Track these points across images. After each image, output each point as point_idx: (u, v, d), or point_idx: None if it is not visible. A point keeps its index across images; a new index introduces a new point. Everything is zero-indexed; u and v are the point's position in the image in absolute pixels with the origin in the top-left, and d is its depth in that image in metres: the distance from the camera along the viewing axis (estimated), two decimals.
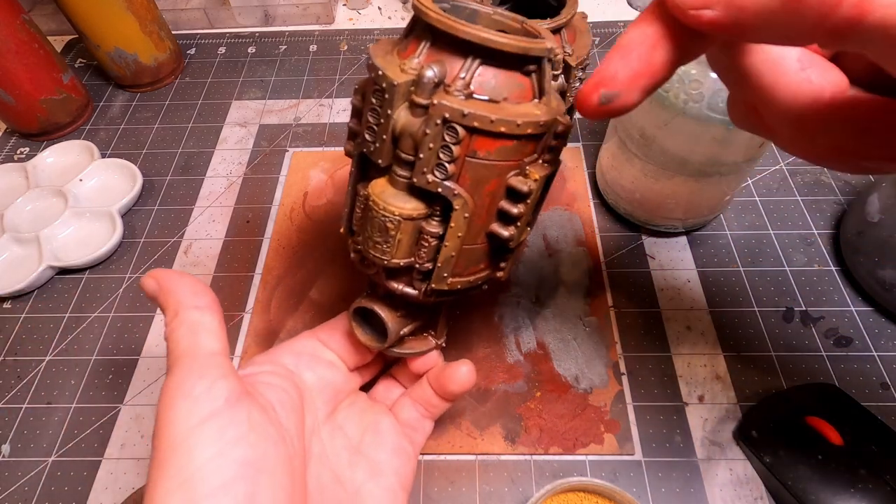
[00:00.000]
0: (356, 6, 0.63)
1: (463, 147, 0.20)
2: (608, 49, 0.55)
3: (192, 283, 0.23)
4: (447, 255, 0.22)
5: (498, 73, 0.20)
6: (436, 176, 0.20)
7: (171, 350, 0.21)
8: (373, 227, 0.22)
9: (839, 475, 0.28)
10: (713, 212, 0.40)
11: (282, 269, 0.41)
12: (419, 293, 0.24)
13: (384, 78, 0.20)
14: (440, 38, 0.20)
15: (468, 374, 0.27)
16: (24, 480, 0.33)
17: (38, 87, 0.48)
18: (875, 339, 0.36)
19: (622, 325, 0.37)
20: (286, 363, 0.27)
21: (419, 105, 0.19)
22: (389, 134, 0.20)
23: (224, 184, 0.47)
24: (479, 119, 0.19)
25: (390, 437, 0.28)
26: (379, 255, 0.22)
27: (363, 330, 0.27)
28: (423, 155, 0.20)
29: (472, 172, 0.21)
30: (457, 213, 0.21)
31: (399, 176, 0.21)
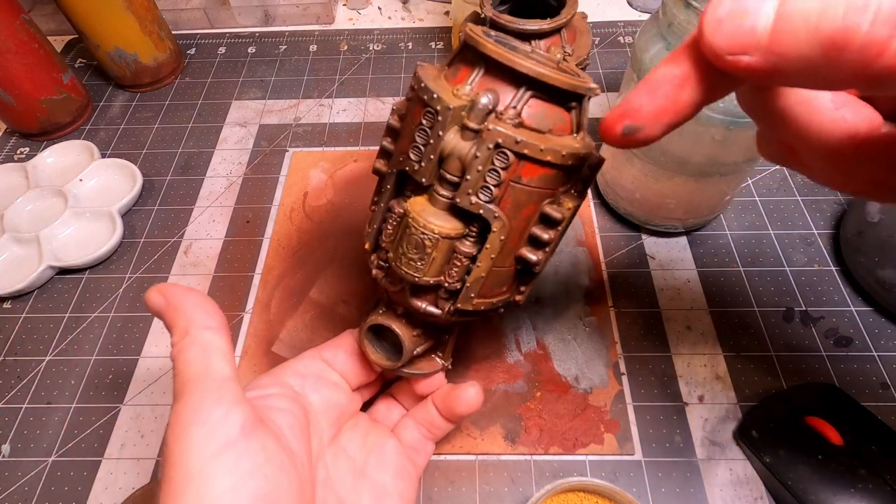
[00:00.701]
0: (356, 6, 0.63)
1: (510, 172, 0.21)
2: (608, 49, 0.56)
3: (202, 300, 0.22)
4: (477, 276, 0.22)
5: (545, 106, 0.22)
6: (479, 198, 0.21)
7: (181, 371, 0.20)
8: (409, 243, 0.22)
9: (839, 475, 0.28)
10: (713, 212, 0.40)
11: (282, 269, 0.41)
12: (442, 312, 0.24)
13: (439, 101, 0.20)
14: (494, 68, 0.21)
15: (476, 396, 0.27)
16: (24, 480, 0.33)
17: (38, 87, 0.48)
18: (875, 339, 0.36)
19: (622, 325, 0.37)
20: (292, 385, 0.26)
21: (471, 129, 0.20)
22: (437, 154, 0.21)
23: (224, 184, 0.47)
24: (530, 147, 0.20)
25: (394, 460, 0.27)
26: (412, 272, 0.22)
27: (374, 348, 0.26)
28: (470, 177, 0.21)
29: (514, 197, 0.21)
30: (493, 235, 0.22)
31: (440, 195, 0.22)
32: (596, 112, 0.50)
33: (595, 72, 0.54)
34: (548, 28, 0.33)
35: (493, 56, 0.21)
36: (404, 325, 0.25)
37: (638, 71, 0.33)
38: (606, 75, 0.53)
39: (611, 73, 0.54)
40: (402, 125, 0.23)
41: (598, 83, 0.54)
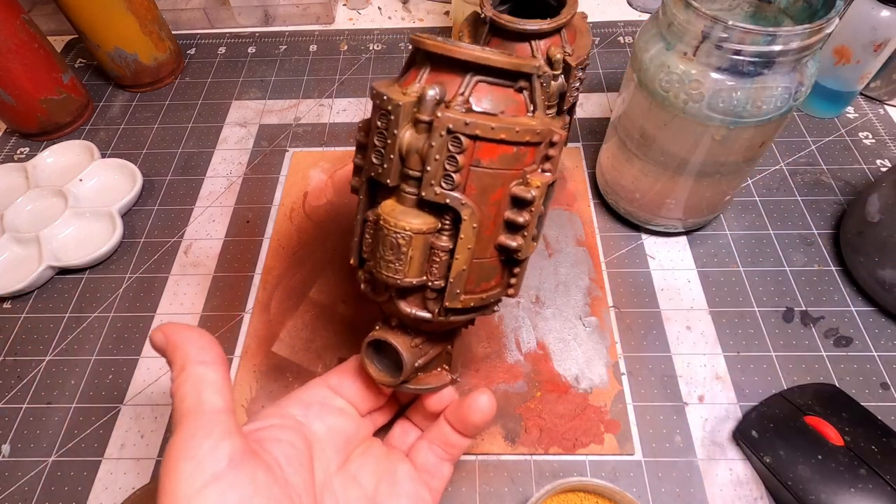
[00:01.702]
0: (356, 6, 0.63)
1: (467, 156, 0.21)
2: (608, 49, 0.56)
3: (198, 336, 0.23)
4: (459, 269, 0.22)
5: (493, 90, 0.22)
6: (443, 187, 0.21)
7: (176, 407, 0.21)
8: (384, 246, 0.22)
9: (839, 475, 0.28)
10: (713, 212, 0.40)
11: (282, 269, 0.41)
12: (433, 315, 0.24)
13: (389, 101, 0.21)
14: (438, 62, 0.22)
15: (489, 403, 0.26)
16: (24, 480, 0.33)
17: (38, 87, 0.48)
18: (875, 339, 0.36)
19: (622, 325, 0.37)
20: (295, 415, 0.26)
21: (423, 121, 0.21)
22: (397, 153, 0.21)
23: (224, 184, 0.47)
24: (481, 127, 0.21)
25: (407, 486, 0.26)
26: (392, 274, 0.22)
27: (376, 367, 0.26)
28: (429, 167, 0.21)
29: (478, 182, 0.22)
30: (465, 224, 0.22)
31: (408, 193, 0.22)
32: (596, 112, 0.50)
33: (595, 72, 0.54)
34: (548, 28, 0.33)
35: (433, 49, 0.21)
36: (401, 336, 0.25)
37: (638, 71, 0.33)
38: (606, 75, 0.53)
39: (611, 73, 0.54)
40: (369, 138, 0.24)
41: (598, 83, 0.55)
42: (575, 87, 0.35)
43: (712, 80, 0.30)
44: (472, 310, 0.25)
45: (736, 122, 0.31)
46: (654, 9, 0.59)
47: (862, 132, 0.48)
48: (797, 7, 0.33)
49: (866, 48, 0.42)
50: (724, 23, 0.28)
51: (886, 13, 0.40)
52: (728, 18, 0.28)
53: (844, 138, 0.47)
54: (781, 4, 0.34)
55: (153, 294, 0.40)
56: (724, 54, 0.29)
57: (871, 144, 0.47)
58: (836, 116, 0.49)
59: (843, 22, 0.43)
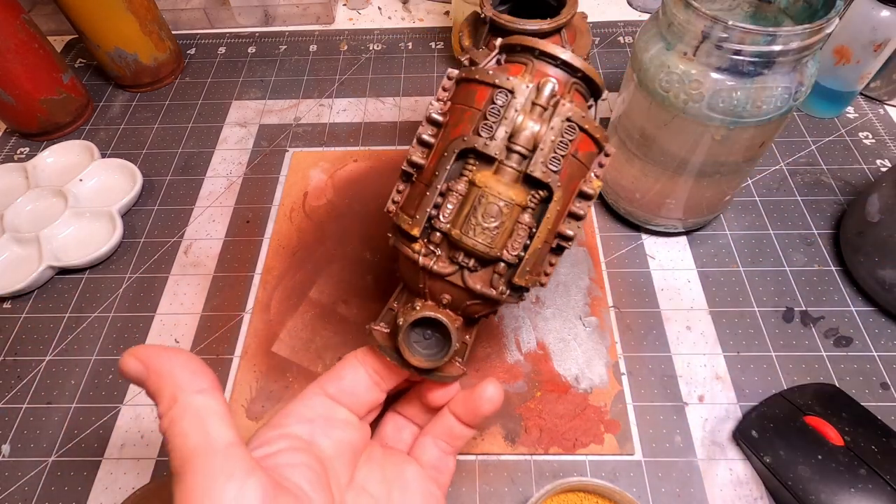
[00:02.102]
0: (356, 6, 0.63)
1: (573, 145, 0.24)
2: (608, 49, 0.56)
3: (187, 360, 0.20)
4: (535, 247, 0.24)
5: (578, 99, 0.25)
6: (549, 168, 0.23)
7: (178, 446, 0.18)
8: (486, 213, 0.23)
9: (839, 475, 0.28)
10: (713, 212, 0.40)
11: (282, 269, 0.41)
12: (496, 293, 0.25)
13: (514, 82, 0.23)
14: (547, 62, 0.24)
15: (497, 392, 0.26)
16: (24, 480, 0.33)
17: (38, 87, 0.48)
18: (875, 339, 0.36)
19: (622, 325, 0.37)
20: (300, 434, 0.24)
21: (540, 106, 0.23)
22: (511, 130, 0.23)
23: (224, 184, 0.47)
24: (590, 123, 0.24)
25: (417, 486, 0.26)
26: (487, 241, 0.23)
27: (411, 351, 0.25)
28: (543, 147, 0.23)
29: (570, 170, 0.24)
30: (553, 205, 0.24)
31: (509, 167, 0.24)
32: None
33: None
34: (548, 28, 0.33)
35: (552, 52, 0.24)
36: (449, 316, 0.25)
37: (638, 71, 0.33)
38: (606, 75, 0.53)
39: (611, 73, 0.54)
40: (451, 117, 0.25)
41: None
42: None
43: (712, 80, 0.30)
44: (523, 290, 0.26)
45: (736, 122, 0.31)
46: (654, 9, 0.59)
47: (862, 132, 0.48)
48: (797, 7, 0.33)
49: (866, 48, 0.42)
50: (724, 23, 0.28)
51: (886, 13, 0.40)
52: (728, 18, 0.28)
53: (844, 138, 0.47)
54: (781, 4, 0.34)
55: (153, 294, 0.40)
56: (724, 54, 0.29)
57: (871, 144, 0.47)
58: (836, 116, 0.49)
59: (843, 22, 0.43)
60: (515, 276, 0.24)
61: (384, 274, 0.40)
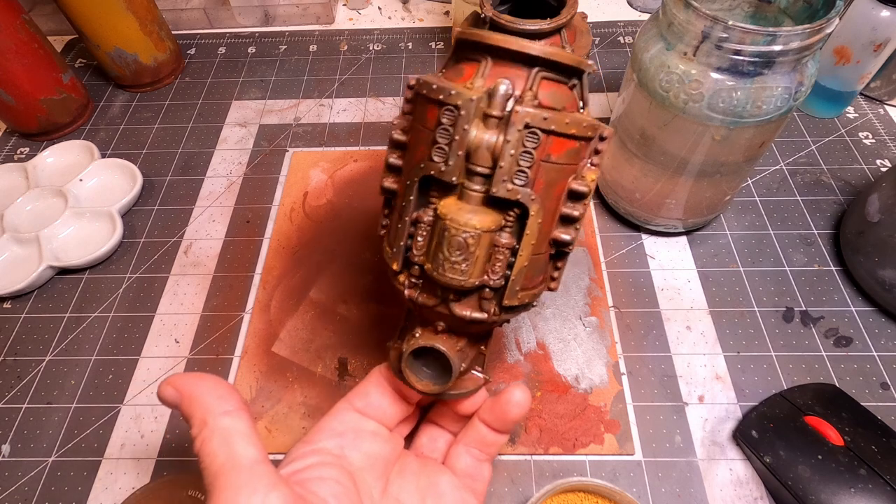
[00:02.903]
0: (356, 6, 0.63)
1: (541, 151, 0.21)
2: (608, 49, 0.56)
3: (215, 385, 0.21)
4: (521, 266, 0.22)
5: (554, 86, 0.22)
6: (515, 183, 0.21)
7: (208, 465, 0.20)
8: (451, 247, 0.21)
9: (839, 475, 0.28)
10: (713, 212, 0.40)
11: (282, 269, 0.41)
12: (488, 315, 0.23)
13: (458, 96, 0.21)
14: (501, 57, 0.22)
15: (525, 396, 0.26)
16: (24, 480, 0.33)
17: (38, 87, 0.48)
18: (875, 339, 0.36)
19: (622, 325, 0.37)
20: (330, 448, 0.25)
21: (495, 117, 0.21)
22: (464, 150, 0.21)
23: (224, 184, 0.47)
24: (557, 122, 0.21)
25: (452, 495, 0.26)
26: (457, 276, 0.22)
27: (418, 376, 0.25)
28: (504, 164, 0.21)
29: (546, 176, 0.22)
30: (532, 220, 0.22)
31: (473, 191, 0.21)
32: (596, 112, 0.50)
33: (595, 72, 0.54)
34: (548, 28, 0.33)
35: (503, 45, 0.21)
36: (447, 341, 0.24)
37: (638, 71, 0.33)
38: (606, 75, 0.53)
39: (611, 73, 0.54)
40: (411, 136, 0.23)
41: (598, 83, 0.55)
42: None
43: (712, 80, 0.30)
44: (525, 306, 0.24)
45: (736, 122, 0.31)
46: (654, 9, 0.59)
47: (862, 132, 0.48)
48: (797, 7, 0.33)
49: (866, 48, 0.42)
50: (724, 23, 0.28)
51: (886, 13, 0.40)
52: (728, 18, 0.28)
53: (844, 138, 0.47)
54: (781, 4, 0.34)
55: (153, 294, 0.40)
56: (724, 54, 0.29)
57: (871, 144, 0.47)
58: (836, 116, 0.49)
59: (843, 22, 0.43)
60: (504, 298, 0.23)
61: (384, 274, 0.40)
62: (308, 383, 0.36)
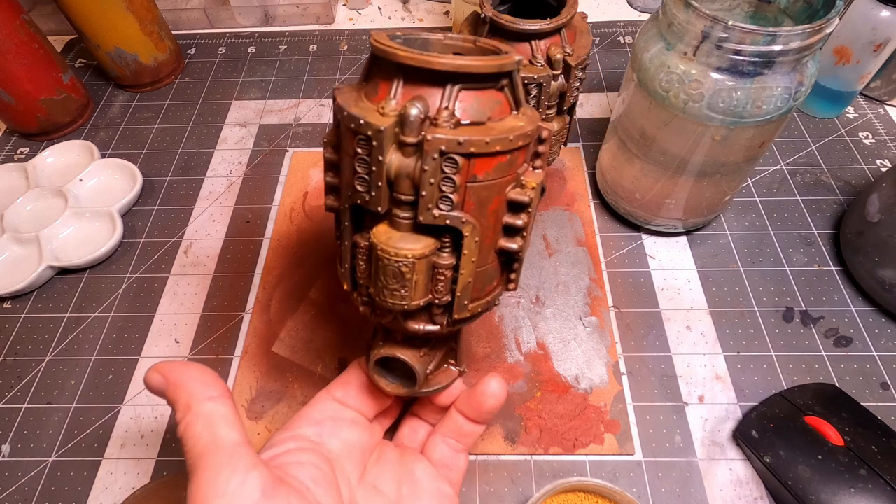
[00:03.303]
0: (356, 6, 0.63)
1: (463, 175, 0.20)
2: (608, 49, 0.56)
3: (200, 372, 0.22)
4: (465, 283, 0.22)
5: (476, 95, 0.21)
6: (441, 209, 0.20)
7: (191, 448, 0.20)
8: (386, 275, 0.21)
9: (839, 475, 0.28)
10: (713, 212, 0.40)
11: (282, 269, 0.41)
12: (441, 327, 0.24)
13: (368, 126, 0.19)
14: (413, 74, 0.20)
15: (500, 386, 0.26)
16: (24, 480, 0.33)
17: (38, 87, 0.48)
18: (875, 339, 0.36)
19: (622, 325, 0.37)
20: (309, 435, 0.25)
21: (410, 144, 0.19)
22: (384, 179, 0.20)
23: (224, 184, 0.47)
24: (476, 144, 0.19)
25: (428, 484, 0.26)
26: (398, 301, 0.22)
27: (387, 380, 0.26)
28: (425, 192, 0.20)
29: (475, 196, 0.21)
30: (468, 240, 0.21)
31: (401, 218, 0.21)
32: (596, 112, 0.50)
33: (595, 72, 0.54)
34: (548, 28, 0.33)
35: (408, 62, 0.19)
36: (408, 349, 0.25)
37: (638, 71, 0.33)
38: (606, 75, 0.53)
39: (611, 74, 0.54)
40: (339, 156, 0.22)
41: (598, 83, 0.55)
42: (575, 87, 0.35)
43: (712, 80, 0.30)
44: (479, 315, 0.25)
45: (736, 122, 0.31)
46: (654, 9, 0.59)
47: (862, 132, 0.48)
48: (797, 7, 0.33)
49: (866, 48, 0.42)
50: (724, 23, 0.28)
51: (886, 13, 0.40)
52: (728, 18, 0.28)
53: (844, 138, 0.47)
54: (781, 4, 0.34)
55: (153, 294, 0.40)
56: (724, 54, 0.29)
57: (871, 144, 0.47)
58: (836, 116, 0.49)
59: (843, 22, 0.43)
60: (454, 312, 0.23)
61: None
62: (308, 383, 0.36)
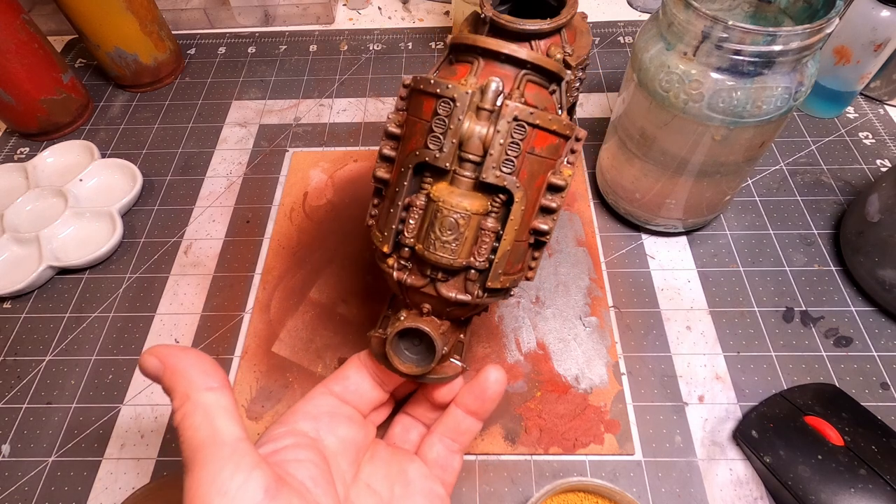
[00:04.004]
0: (356, 6, 0.63)
1: (526, 143, 0.23)
2: (608, 49, 0.56)
3: (200, 360, 0.21)
4: (504, 250, 0.24)
5: (537, 89, 0.25)
6: (503, 171, 0.23)
7: (188, 439, 0.19)
8: (442, 226, 0.23)
9: (839, 475, 0.28)
10: (713, 212, 0.40)
11: (282, 269, 0.41)
12: (472, 296, 0.25)
13: (455, 89, 0.23)
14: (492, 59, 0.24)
15: (500, 374, 0.26)
16: (24, 480, 0.33)
17: (38, 87, 0.48)
18: (875, 339, 0.36)
19: (622, 325, 0.37)
20: (306, 430, 0.25)
21: (486, 110, 0.23)
22: (458, 138, 0.23)
23: (224, 184, 0.47)
24: (541, 118, 0.23)
25: (420, 484, 0.26)
26: (447, 255, 0.24)
27: (400, 359, 0.26)
28: (493, 152, 0.23)
29: (529, 167, 0.24)
30: (516, 206, 0.23)
31: (464, 176, 0.23)
32: (596, 112, 0.50)
33: (595, 72, 0.54)
34: (548, 28, 0.33)
35: (495, 48, 0.23)
36: (431, 323, 0.26)
37: (638, 71, 0.33)
38: (606, 75, 0.53)
39: (611, 73, 0.54)
40: (406, 129, 0.25)
41: (598, 83, 0.55)
42: (575, 87, 0.35)
43: (712, 80, 0.30)
44: (504, 291, 0.26)
45: (736, 122, 0.31)
46: (654, 9, 0.59)
47: (862, 132, 0.48)
48: (797, 7, 0.33)
49: (866, 48, 0.42)
50: (724, 23, 0.28)
51: (886, 13, 0.40)
52: (728, 18, 0.28)
53: (844, 138, 0.47)
54: (781, 4, 0.34)
55: (153, 294, 0.40)
56: (724, 54, 0.29)
57: (871, 144, 0.47)
58: (836, 116, 0.49)
59: (843, 22, 0.43)
60: (488, 280, 0.24)
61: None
62: (308, 383, 0.36)
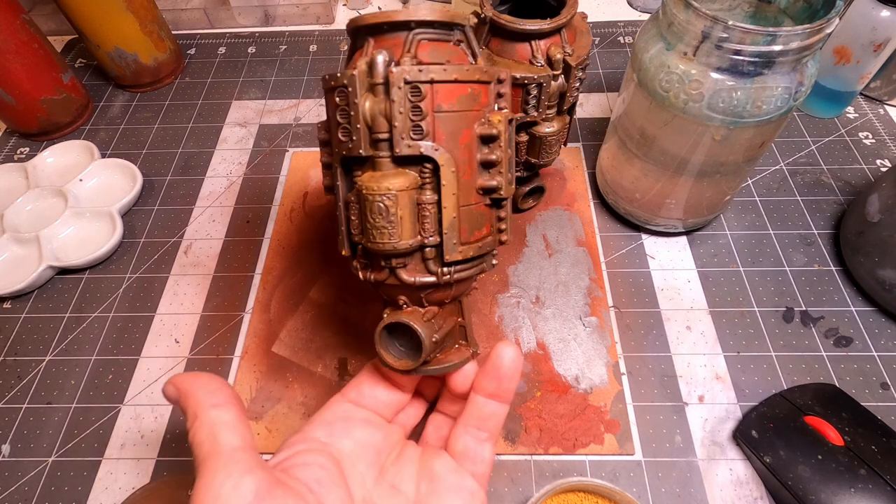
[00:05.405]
0: (356, 6, 0.63)
1: (428, 102, 0.22)
2: (608, 49, 0.56)
3: (208, 381, 0.23)
4: (450, 218, 0.23)
5: (435, 45, 0.24)
6: (413, 138, 0.22)
7: (196, 454, 0.21)
8: (373, 214, 0.22)
9: (839, 475, 0.28)
10: (713, 212, 0.40)
11: (282, 269, 0.41)
12: (437, 276, 0.24)
13: (343, 76, 0.22)
14: (379, 33, 0.23)
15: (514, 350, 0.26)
16: (24, 480, 0.33)
17: (38, 87, 0.48)
18: (875, 339, 0.36)
19: (622, 325, 0.37)
20: (319, 436, 0.25)
21: (379, 84, 0.22)
22: (363, 122, 0.22)
23: (224, 184, 0.47)
24: (434, 71, 0.22)
25: (448, 479, 0.25)
26: (386, 240, 0.23)
27: (393, 355, 0.26)
28: (397, 123, 0.22)
29: (444, 126, 0.23)
30: (444, 169, 0.22)
31: (382, 157, 0.23)
32: (596, 112, 0.50)
33: (595, 72, 0.54)
34: (548, 28, 0.33)
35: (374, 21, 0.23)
36: (412, 314, 0.25)
37: (638, 71, 0.33)
38: (606, 75, 0.53)
39: (611, 73, 0.54)
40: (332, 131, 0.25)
41: (598, 83, 0.54)
42: (575, 87, 0.35)
43: (712, 80, 0.30)
44: (471, 260, 0.25)
45: (736, 122, 0.31)
46: (654, 9, 0.59)
47: (862, 132, 0.48)
48: (797, 7, 0.33)
49: (866, 48, 0.42)
50: (724, 23, 0.28)
51: (886, 13, 0.40)
52: (728, 18, 0.28)
53: (844, 138, 0.47)
54: (781, 4, 0.34)
55: (153, 294, 0.40)
56: (724, 54, 0.29)
57: (871, 144, 0.47)
58: (836, 116, 0.49)
59: (843, 22, 0.43)
60: (444, 254, 0.24)
61: None
62: (308, 383, 0.36)
